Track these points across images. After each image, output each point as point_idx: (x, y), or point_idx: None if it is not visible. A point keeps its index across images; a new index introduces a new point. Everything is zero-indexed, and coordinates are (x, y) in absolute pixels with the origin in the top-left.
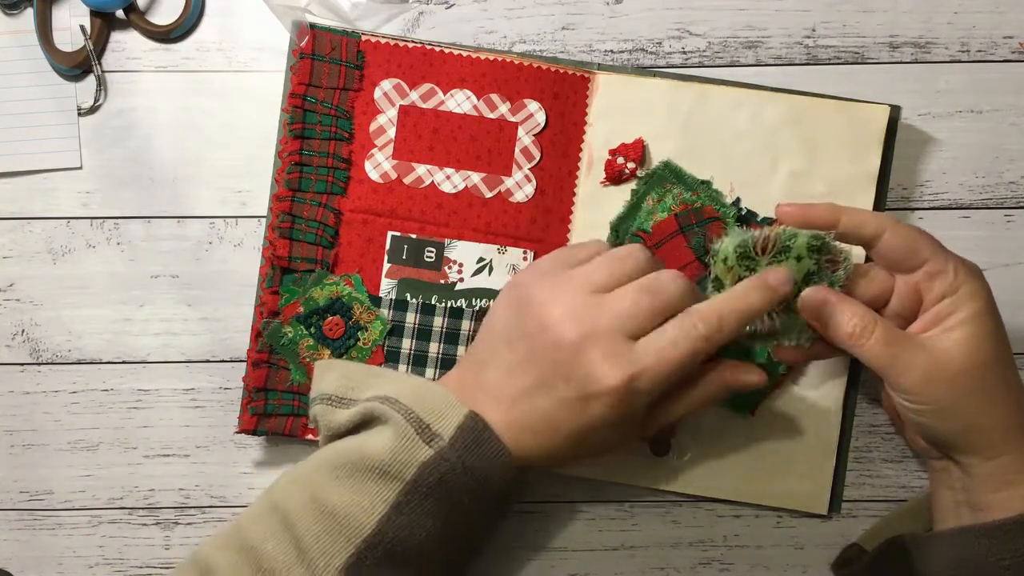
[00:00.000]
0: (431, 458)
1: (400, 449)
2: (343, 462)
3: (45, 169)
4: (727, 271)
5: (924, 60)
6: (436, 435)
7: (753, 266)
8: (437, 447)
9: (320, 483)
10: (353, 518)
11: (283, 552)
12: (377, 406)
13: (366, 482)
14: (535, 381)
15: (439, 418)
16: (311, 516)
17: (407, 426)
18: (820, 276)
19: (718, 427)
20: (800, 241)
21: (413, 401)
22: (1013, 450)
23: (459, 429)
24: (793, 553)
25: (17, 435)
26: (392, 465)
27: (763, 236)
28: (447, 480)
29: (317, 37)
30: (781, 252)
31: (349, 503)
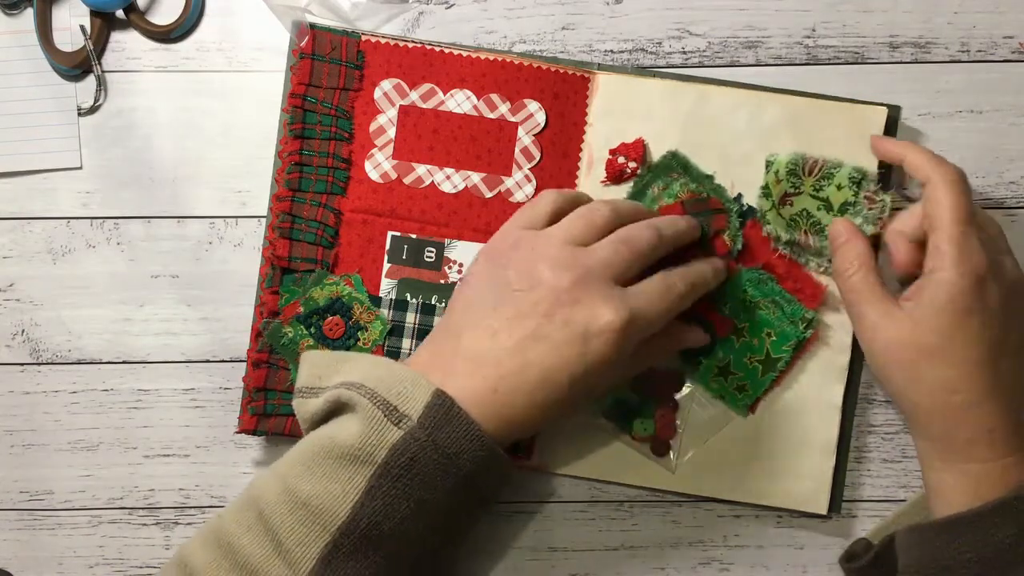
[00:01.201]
0: (400, 439)
1: (369, 433)
2: (314, 452)
3: (45, 169)
4: (776, 182)
5: (924, 60)
6: (404, 416)
7: (799, 184)
8: (406, 427)
9: (293, 474)
10: (326, 506)
11: (260, 546)
12: (343, 392)
13: (337, 469)
14: (528, 334)
15: (406, 399)
16: (285, 508)
17: (374, 409)
18: (855, 209)
19: (718, 427)
20: (843, 171)
21: (379, 384)
22: (935, 437)
23: (427, 408)
24: (793, 553)
25: (17, 435)
26: (362, 450)
27: (812, 160)
28: (418, 460)
29: (317, 37)
30: (825, 178)
31: (322, 492)
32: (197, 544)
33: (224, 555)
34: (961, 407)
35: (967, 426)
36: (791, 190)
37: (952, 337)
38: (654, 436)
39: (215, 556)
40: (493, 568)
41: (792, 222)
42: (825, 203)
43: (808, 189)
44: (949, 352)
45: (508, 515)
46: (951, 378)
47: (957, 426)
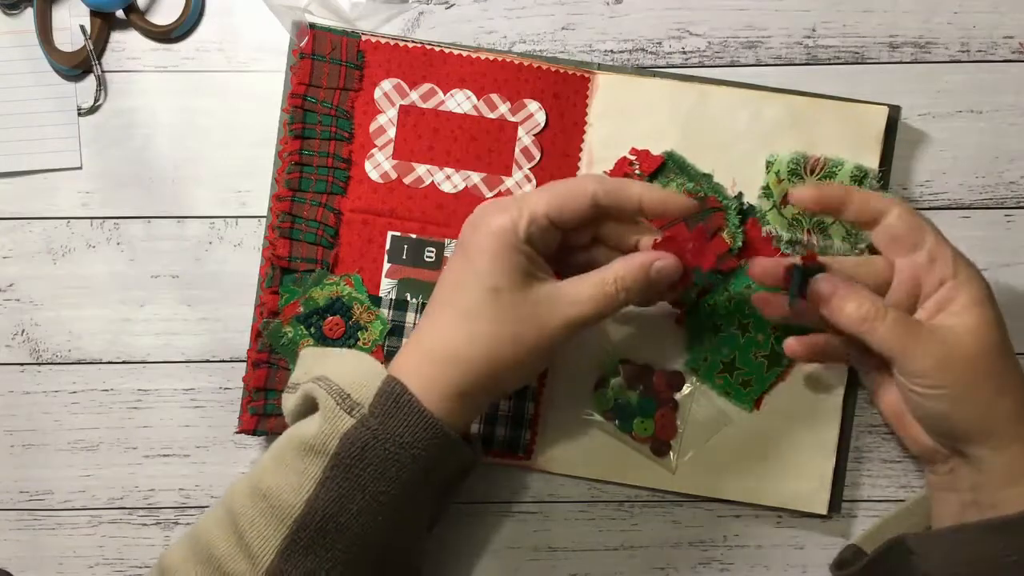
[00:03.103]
0: (352, 428)
1: (324, 423)
2: (280, 446)
3: (45, 169)
4: (777, 182)
5: (924, 60)
6: (356, 404)
7: (800, 183)
8: (358, 416)
9: (260, 469)
10: (283, 499)
11: (226, 541)
12: (311, 387)
13: (295, 461)
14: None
15: (360, 388)
16: (249, 501)
17: (329, 399)
18: None
19: (718, 427)
20: (844, 170)
21: (340, 376)
22: (996, 452)
23: (377, 395)
24: (793, 553)
25: (17, 435)
26: (316, 439)
27: (814, 158)
28: (369, 448)
29: (317, 37)
30: (827, 176)
31: (281, 484)
32: (175, 545)
33: (194, 551)
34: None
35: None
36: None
37: (1003, 327)
38: (654, 436)
39: (187, 552)
40: (493, 568)
41: (795, 222)
42: None
43: None
44: (1009, 343)
45: (508, 515)
46: (1018, 367)
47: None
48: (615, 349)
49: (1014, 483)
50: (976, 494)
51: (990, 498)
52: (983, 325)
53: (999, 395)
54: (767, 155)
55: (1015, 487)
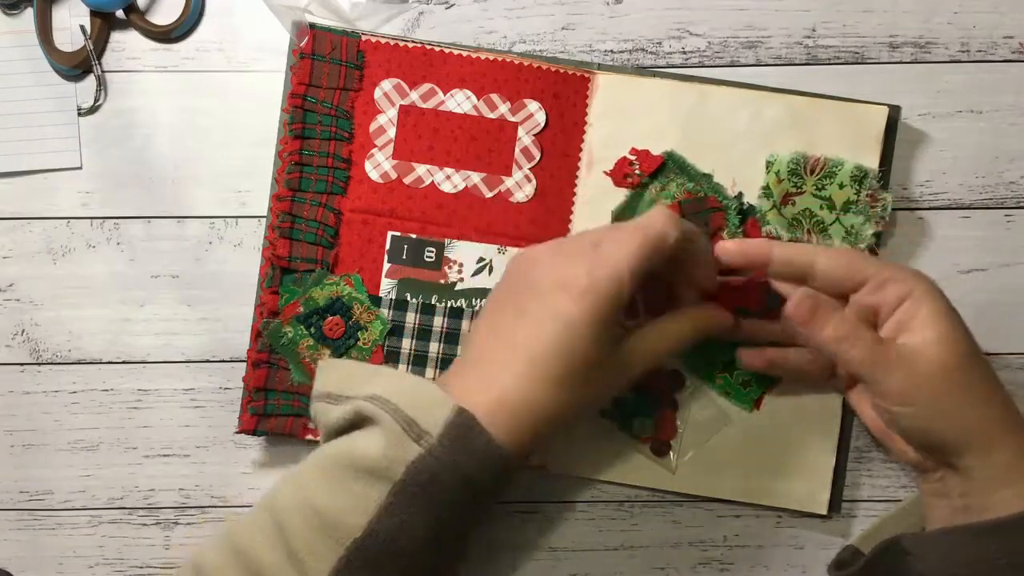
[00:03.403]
0: (419, 456)
1: (389, 448)
2: (334, 463)
3: (45, 169)
4: (777, 182)
5: (924, 60)
6: (424, 433)
7: (800, 184)
8: (426, 445)
9: (311, 485)
10: (342, 519)
11: (273, 552)
12: (367, 405)
13: (356, 483)
14: (515, 316)
15: (427, 415)
16: (301, 518)
17: (395, 424)
18: (858, 208)
19: (718, 427)
20: (844, 170)
21: (402, 399)
22: (1008, 445)
23: (447, 426)
24: (793, 553)
25: (17, 435)
26: (380, 464)
27: (813, 158)
28: (437, 479)
29: (317, 37)
30: (827, 176)
31: (338, 504)
32: (211, 547)
33: (237, 559)
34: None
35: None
36: (793, 189)
37: (967, 333)
38: (654, 436)
39: (228, 560)
40: (493, 568)
41: (794, 221)
42: (828, 202)
43: (810, 188)
44: (977, 350)
45: (508, 515)
46: (992, 375)
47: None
48: None
49: (1003, 486)
50: (967, 499)
51: (981, 502)
52: (945, 338)
53: (972, 405)
54: (767, 155)
55: (1005, 490)
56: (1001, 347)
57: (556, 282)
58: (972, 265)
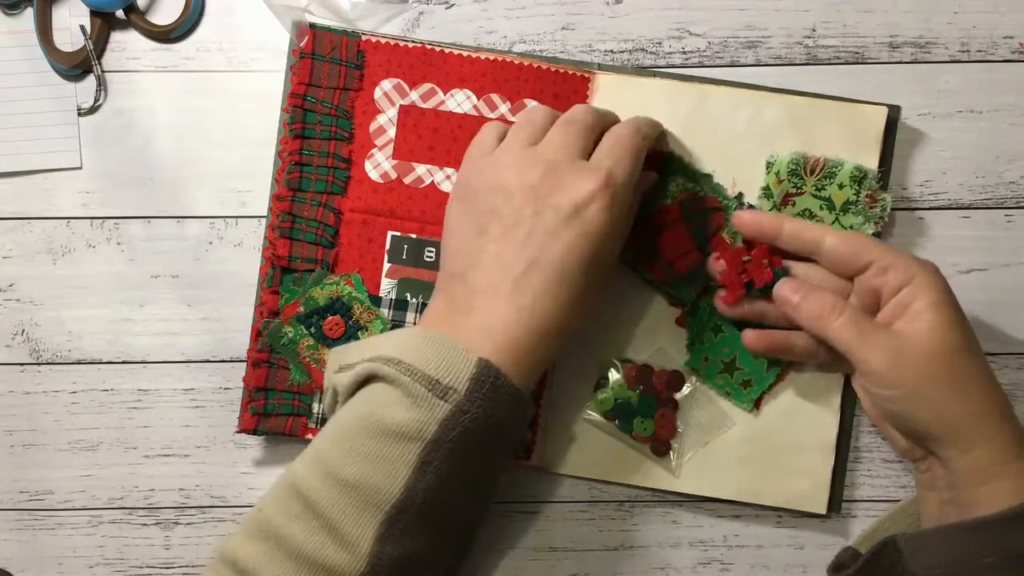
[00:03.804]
0: (450, 413)
1: (416, 409)
2: (355, 432)
3: (45, 169)
4: (777, 183)
5: (924, 60)
6: (449, 389)
7: (800, 184)
8: (454, 401)
9: (335, 457)
10: (377, 485)
11: (312, 532)
12: (380, 367)
13: (384, 447)
14: (525, 239)
15: (449, 371)
16: (335, 492)
17: (416, 385)
18: (857, 208)
19: (718, 427)
20: (844, 170)
21: (418, 358)
22: (991, 440)
23: (472, 380)
24: (793, 553)
25: (17, 435)
26: (409, 426)
27: (813, 159)
28: (470, 432)
29: (317, 37)
30: (826, 177)
31: (371, 472)
32: (242, 540)
33: (276, 547)
34: (1002, 397)
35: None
36: (793, 190)
37: (967, 328)
38: (654, 436)
39: (266, 549)
40: (493, 568)
41: None
42: (827, 202)
43: (810, 189)
44: (973, 344)
45: (508, 515)
46: (984, 367)
47: (1008, 417)
48: (615, 349)
49: (985, 482)
50: (953, 492)
51: (965, 497)
52: (937, 327)
53: (954, 397)
54: (767, 155)
55: (986, 486)
56: (1001, 347)
57: (578, 198)
58: (972, 265)
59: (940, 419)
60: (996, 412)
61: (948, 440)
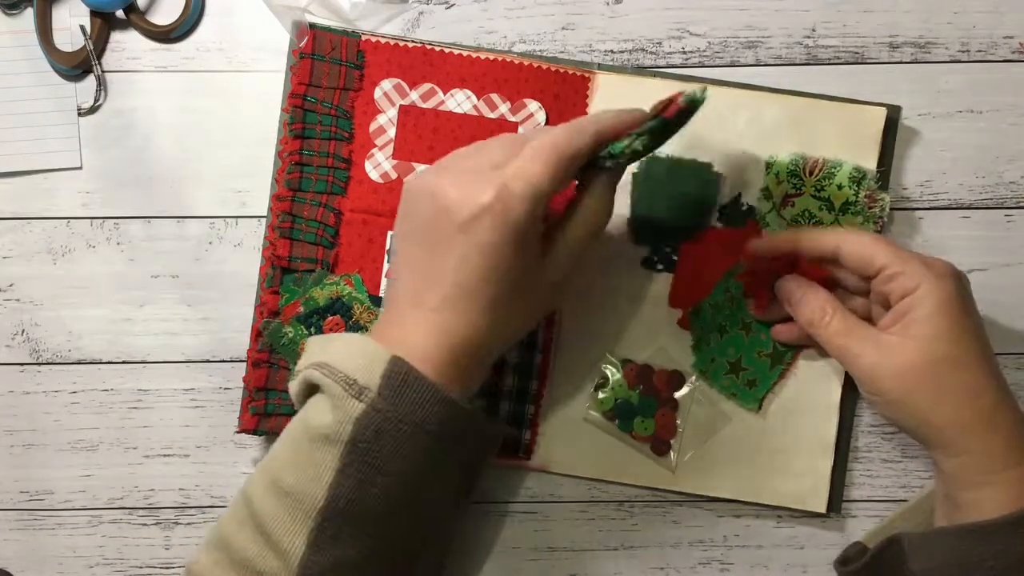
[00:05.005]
0: (363, 412)
1: (335, 411)
2: (291, 439)
3: (45, 169)
4: (776, 184)
5: (924, 60)
6: (364, 388)
7: (799, 185)
8: (367, 400)
9: (275, 464)
10: (304, 491)
11: (252, 540)
12: (313, 373)
13: (311, 452)
14: (430, 248)
15: (365, 371)
16: (270, 498)
17: (335, 386)
18: (856, 208)
19: (718, 427)
20: (843, 171)
21: (339, 360)
22: (971, 451)
23: (384, 377)
24: (793, 553)
25: (17, 435)
26: (330, 428)
27: (812, 160)
28: (384, 431)
29: (317, 37)
30: (826, 177)
31: (301, 477)
32: (202, 549)
33: (225, 555)
34: (990, 409)
35: (1002, 428)
36: (792, 191)
37: (959, 340)
38: (654, 436)
39: (217, 558)
40: (493, 568)
41: (794, 223)
42: (827, 203)
43: (809, 189)
44: (962, 356)
45: (508, 515)
46: (972, 382)
47: (994, 430)
48: (615, 349)
49: (969, 488)
50: (947, 489)
51: (955, 497)
52: (923, 339)
53: (936, 407)
54: (767, 156)
55: (970, 492)
56: (1001, 347)
57: (470, 213)
58: (972, 265)
59: (924, 425)
60: (980, 423)
61: (933, 444)
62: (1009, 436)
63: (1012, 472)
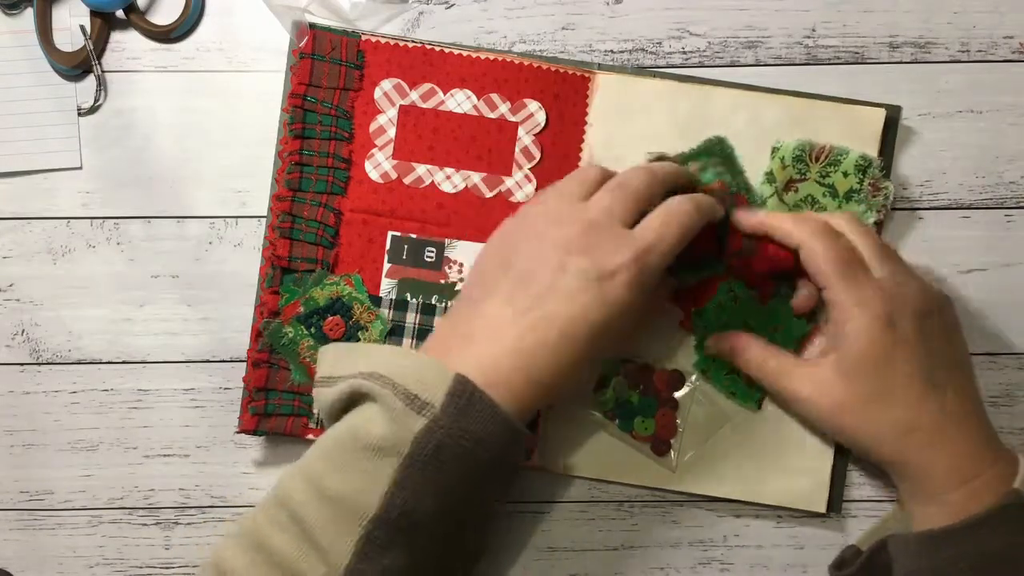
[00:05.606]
0: (424, 428)
1: (393, 423)
2: (338, 447)
3: (45, 169)
4: (781, 168)
5: (924, 60)
6: (426, 404)
7: (805, 171)
8: (429, 415)
9: (320, 471)
10: (356, 500)
11: (295, 545)
12: (363, 383)
13: (363, 462)
14: (543, 290)
15: (426, 387)
16: (316, 504)
17: (395, 399)
18: (860, 197)
19: (718, 427)
20: (849, 158)
21: (398, 373)
22: (914, 477)
23: (449, 395)
24: (793, 553)
25: (17, 435)
26: (386, 441)
27: (819, 146)
28: (444, 447)
29: (317, 37)
30: (831, 164)
31: (350, 486)
32: (231, 547)
33: (262, 556)
34: (924, 443)
35: (938, 459)
36: (797, 176)
37: (885, 379)
38: (654, 435)
39: (252, 558)
40: (494, 568)
41: (796, 208)
42: (830, 189)
43: (814, 175)
44: (889, 394)
45: (508, 515)
46: (903, 418)
47: (930, 462)
48: None
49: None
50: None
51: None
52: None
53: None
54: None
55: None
56: (1001, 347)
57: (601, 271)
58: (972, 265)
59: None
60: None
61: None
62: (949, 466)
63: (952, 495)
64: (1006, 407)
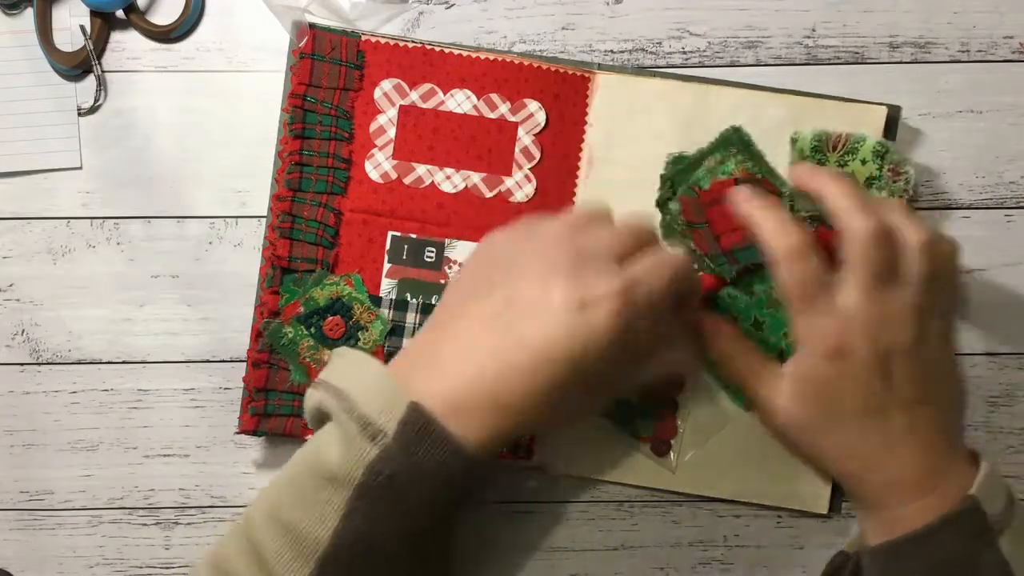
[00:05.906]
0: (376, 458)
1: (347, 451)
2: (300, 470)
3: (45, 169)
4: (801, 159)
5: (924, 60)
6: (380, 431)
7: (823, 160)
8: (382, 445)
9: (280, 496)
10: (309, 531)
11: (251, 573)
12: (330, 403)
13: (319, 491)
14: (523, 310)
15: (382, 413)
16: (273, 532)
17: (352, 424)
18: (880, 183)
19: (718, 427)
20: (867, 145)
21: (359, 394)
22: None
23: (401, 424)
24: (793, 553)
25: (17, 435)
26: (341, 469)
27: (836, 135)
28: (396, 479)
29: (317, 37)
30: (849, 152)
31: (304, 516)
32: (202, 570)
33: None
34: (861, 469)
35: (872, 484)
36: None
37: (827, 408)
38: (654, 436)
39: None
40: (493, 568)
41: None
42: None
43: (833, 164)
44: (829, 423)
45: (508, 515)
46: (842, 444)
47: (862, 485)
48: None
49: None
50: None
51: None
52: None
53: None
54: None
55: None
56: (1001, 347)
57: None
58: (972, 265)
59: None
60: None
61: None
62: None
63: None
64: (1006, 407)
